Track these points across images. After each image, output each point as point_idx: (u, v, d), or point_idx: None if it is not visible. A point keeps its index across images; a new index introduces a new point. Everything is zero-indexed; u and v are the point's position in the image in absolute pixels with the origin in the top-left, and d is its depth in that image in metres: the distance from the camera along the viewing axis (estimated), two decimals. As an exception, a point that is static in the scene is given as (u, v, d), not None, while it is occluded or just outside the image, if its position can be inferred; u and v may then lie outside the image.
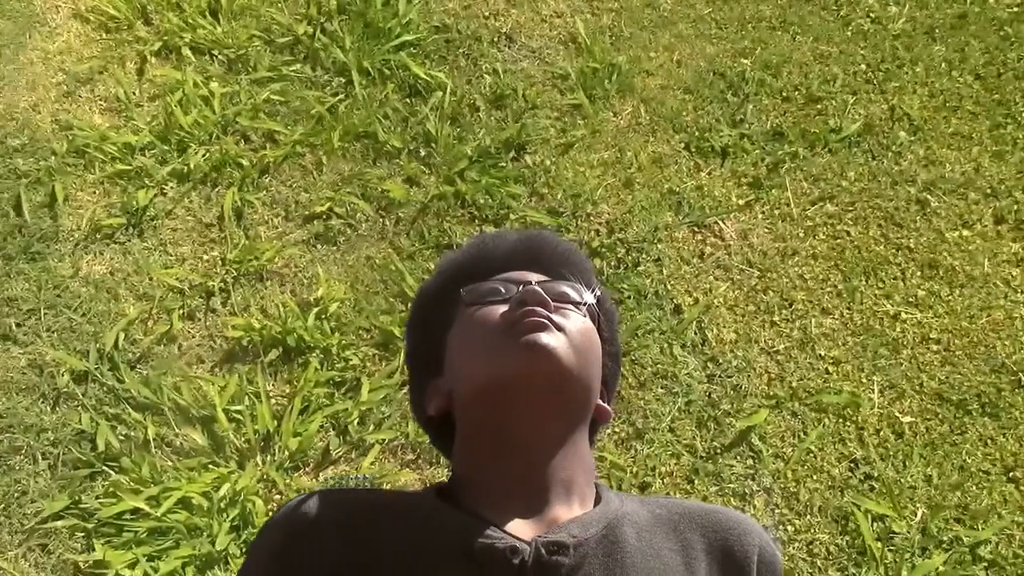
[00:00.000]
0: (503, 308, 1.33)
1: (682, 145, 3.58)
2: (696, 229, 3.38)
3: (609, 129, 3.63)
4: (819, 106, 3.67)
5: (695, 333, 3.16)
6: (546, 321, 1.27)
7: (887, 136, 3.58)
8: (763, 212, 3.41)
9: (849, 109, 3.65)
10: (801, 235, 3.36)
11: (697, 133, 3.60)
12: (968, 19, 3.91)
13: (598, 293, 1.47)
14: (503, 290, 1.37)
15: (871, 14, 3.94)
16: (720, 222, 3.39)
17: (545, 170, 3.52)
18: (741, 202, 3.43)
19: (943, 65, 3.77)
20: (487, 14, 3.99)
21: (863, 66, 3.78)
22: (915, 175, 3.48)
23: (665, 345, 3.13)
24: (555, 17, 3.98)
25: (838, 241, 3.35)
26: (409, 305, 1.58)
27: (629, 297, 3.22)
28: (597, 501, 1.34)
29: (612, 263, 3.30)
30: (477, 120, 3.66)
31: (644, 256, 3.31)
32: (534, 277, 1.43)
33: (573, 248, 1.57)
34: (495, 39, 3.90)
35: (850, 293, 3.22)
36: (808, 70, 3.78)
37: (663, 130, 3.62)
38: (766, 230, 3.37)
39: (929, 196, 3.43)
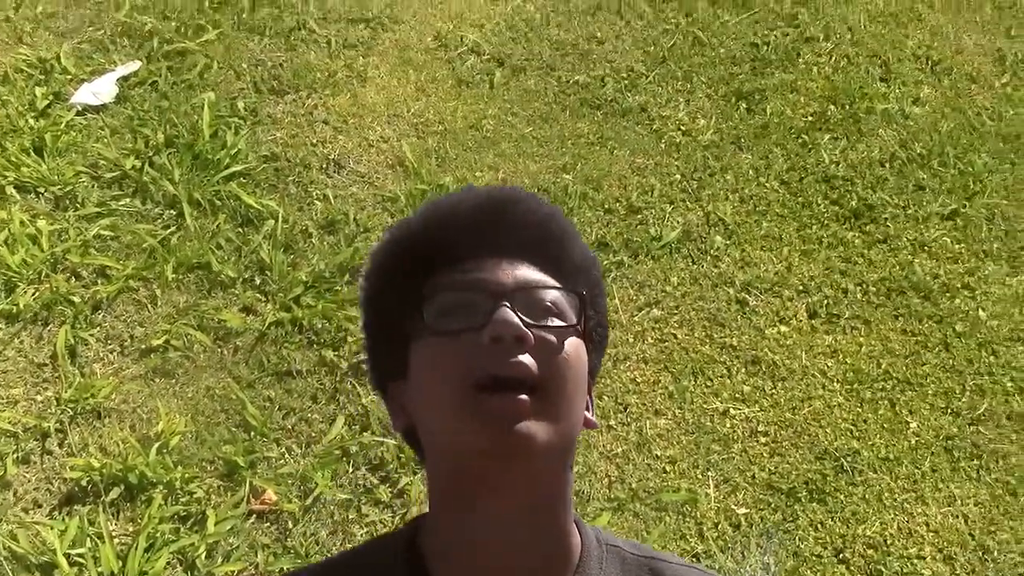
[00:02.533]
0: (473, 340, 1.12)
1: (512, 260, 3.69)
2: (531, 340, 3.48)
3: (441, 248, 3.72)
4: (640, 216, 3.86)
5: (536, 442, 3.24)
6: (522, 402, 1.09)
7: (704, 241, 3.78)
8: (593, 320, 3.54)
9: (668, 217, 3.85)
10: (631, 341, 3.50)
11: (526, 247, 3.72)
12: (770, 129, 4.18)
13: (583, 289, 1.24)
14: (472, 304, 1.15)
15: (681, 127, 4.18)
16: (553, 332, 3.50)
17: (381, 291, 3.58)
18: (572, 312, 3.55)
19: (751, 172, 4.02)
20: (315, 142, 4.08)
21: (678, 176, 4.00)
22: (733, 276, 3.68)
23: (508, 456, 3.20)
24: (382, 142, 4.09)
25: (666, 344, 3.50)
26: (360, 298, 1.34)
27: (470, 411, 3.28)
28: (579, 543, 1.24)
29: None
30: (310, 246, 3.72)
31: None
32: (508, 275, 1.19)
33: (550, 214, 1.28)
34: (324, 166, 3.99)
35: (680, 393, 3.36)
36: (627, 182, 3.97)
37: (493, 246, 3.73)
38: (597, 337, 3.49)
39: (747, 296, 3.62)
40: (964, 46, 4.70)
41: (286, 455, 3.20)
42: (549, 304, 1.17)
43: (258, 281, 3.61)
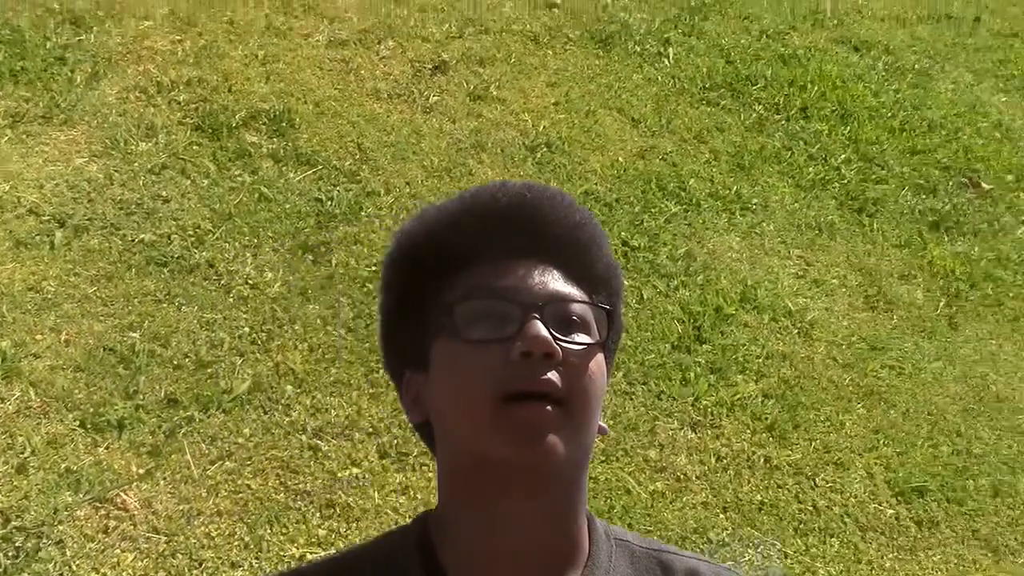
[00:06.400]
0: (501, 351, 1.15)
1: (76, 423, 3.59)
2: (98, 505, 3.38)
3: (-3, 416, 3.57)
4: (209, 370, 3.87)
5: (106, 609, 3.14)
6: (547, 412, 1.13)
7: (275, 391, 3.85)
8: (165, 478, 3.50)
9: (238, 370, 3.89)
10: (204, 495, 3.48)
11: (91, 409, 3.64)
12: (335, 280, 4.36)
13: (607, 301, 1.28)
14: (502, 314, 1.17)
15: (249, 281, 4.26)
16: (122, 494, 3.42)
17: (-71, 466, 3.37)
18: (142, 471, 3.50)
19: (318, 321, 4.15)
20: None
21: (247, 329, 4.06)
22: (305, 423, 3.76)
23: (75, 627, 3.08)
24: (-72, 309, 3.89)
25: (240, 495, 3.51)
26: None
27: (32, 584, 3.14)
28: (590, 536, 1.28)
29: (10, 554, 3.19)
30: None
31: (45, 540, 3.24)
32: (538, 285, 1.21)
33: (582, 220, 1.30)
34: None
35: (256, 543, 3.37)
36: (196, 337, 3.98)
37: (55, 410, 3.62)
38: (169, 495, 3.46)
39: (319, 441, 3.72)
40: (510, 197, 5.12)
41: None
42: (576, 318, 1.21)
43: None
